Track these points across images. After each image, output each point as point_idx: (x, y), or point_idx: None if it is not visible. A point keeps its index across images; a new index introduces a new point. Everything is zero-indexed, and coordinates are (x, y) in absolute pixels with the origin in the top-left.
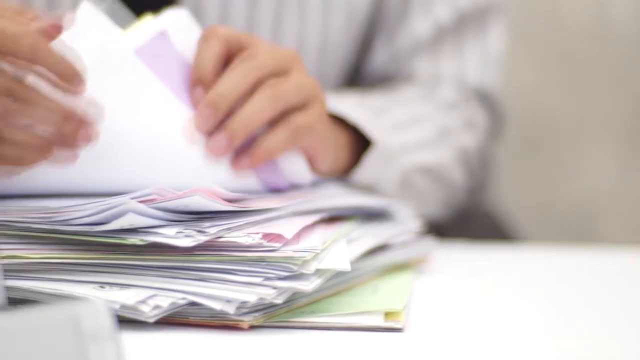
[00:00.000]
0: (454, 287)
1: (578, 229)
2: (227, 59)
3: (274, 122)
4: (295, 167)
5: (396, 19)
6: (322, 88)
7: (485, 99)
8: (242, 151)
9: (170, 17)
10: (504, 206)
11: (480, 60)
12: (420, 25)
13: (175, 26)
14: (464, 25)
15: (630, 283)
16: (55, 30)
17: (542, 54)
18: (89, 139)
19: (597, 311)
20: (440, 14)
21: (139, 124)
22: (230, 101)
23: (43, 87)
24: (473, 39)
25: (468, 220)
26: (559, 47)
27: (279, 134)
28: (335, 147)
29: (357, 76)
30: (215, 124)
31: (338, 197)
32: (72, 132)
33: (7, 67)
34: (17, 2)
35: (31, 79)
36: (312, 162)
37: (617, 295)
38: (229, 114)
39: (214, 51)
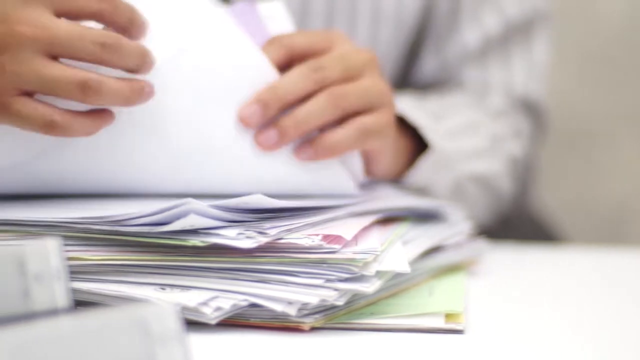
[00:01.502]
0: (505, 288)
1: (612, 230)
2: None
3: (339, 123)
4: (352, 168)
5: (446, 29)
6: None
7: (531, 108)
8: (307, 142)
9: (265, 6)
10: (543, 208)
11: (526, 69)
12: (469, 34)
13: (268, 14)
14: (512, 34)
15: None
16: None
17: (575, 54)
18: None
19: None
20: (489, 23)
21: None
22: (283, 99)
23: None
24: (520, 49)
25: (511, 224)
26: (593, 48)
27: (346, 132)
28: (393, 151)
29: (405, 84)
30: (262, 121)
31: (391, 198)
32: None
33: None
34: None
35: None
36: (368, 165)
37: None
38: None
39: (271, 57)
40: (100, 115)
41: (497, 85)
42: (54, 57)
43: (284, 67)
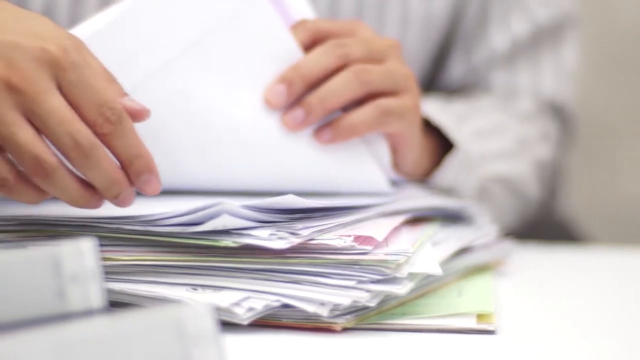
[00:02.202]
0: (532, 288)
1: (634, 230)
2: None
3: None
4: (379, 157)
5: (474, 33)
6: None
7: (559, 112)
8: (327, 124)
9: None
10: (568, 211)
11: (555, 73)
12: (497, 39)
13: (291, 2)
14: (540, 39)
15: None
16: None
17: (594, 55)
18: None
19: None
20: (517, 28)
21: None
22: (307, 77)
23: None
24: (549, 53)
25: (538, 227)
26: (612, 49)
27: (367, 112)
28: (419, 146)
29: (432, 88)
30: (288, 101)
31: (419, 198)
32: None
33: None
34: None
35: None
36: (395, 155)
37: None
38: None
39: (296, 39)
40: (45, 191)
41: (525, 89)
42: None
43: (308, 49)
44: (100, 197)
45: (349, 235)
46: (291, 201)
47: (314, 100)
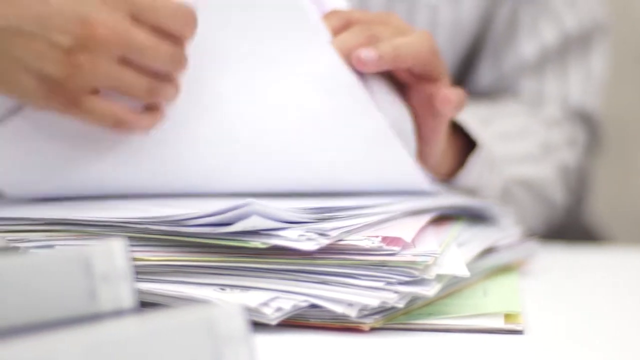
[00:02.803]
0: (557, 288)
1: None
2: None
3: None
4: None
5: (503, 40)
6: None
7: (586, 120)
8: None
9: None
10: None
11: (583, 81)
12: (527, 47)
13: None
14: (569, 47)
15: None
16: None
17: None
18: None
19: None
20: (546, 36)
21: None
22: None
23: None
24: (577, 61)
25: (563, 231)
26: (631, 51)
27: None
28: (445, 138)
29: None
30: None
31: (443, 196)
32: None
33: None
34: None
35: None
36: (423, 144)
37: None
38: None
39: (328, 26)
40: (157, 111)
41: (552, 96)
42: (126, 61)
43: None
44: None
45: (377, 236)
46: (322, 202)
47: (388, 48)
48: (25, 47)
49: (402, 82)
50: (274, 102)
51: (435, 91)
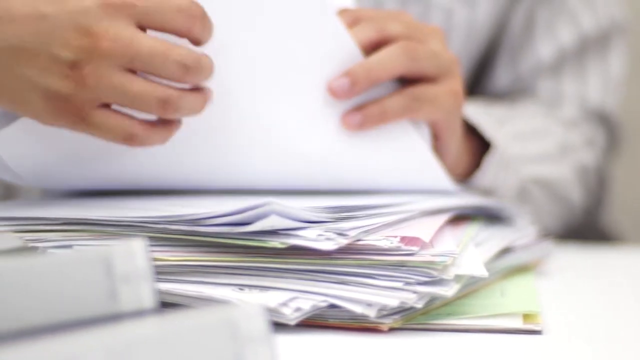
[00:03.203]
0: (573, 288)
1: None
2: None
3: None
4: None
5: (520, 42)
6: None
7: (604, 121)
8: (355, 108)
9: None
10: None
11: (601, 82)
12: (544, 48)
13: None
14: (587, 48)
15: None
16: None
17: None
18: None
19: None
20: (564, 37)
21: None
22: None
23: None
24: (595, 62)
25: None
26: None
27: (398, 98)
28: (461, 136)
29: (475, 94)
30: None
31: (460, 196)
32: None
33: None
34: None
35: None
36: (437, 143)
37: None
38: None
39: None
40: (171, 123)
41: (570, 96)
42: (134, 71)
43: None
44: (210, 91)
45: (395, 236)
46: (342, 201)
47: (359, 70)
48: (29, 65)
49: None
50: (291, 96)
51: (439, 90)
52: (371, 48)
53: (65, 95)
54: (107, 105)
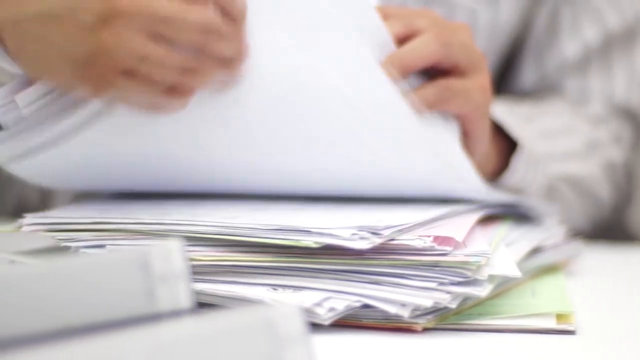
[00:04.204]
0: (603, 288)
1: None
2: None
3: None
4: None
5: (545, 41)
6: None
7: (632, 117)
8: None
9: None
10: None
11: (627, 78)
12: (569, 47)
13: None
14: (612, 44)
15: None
16: None
17: None
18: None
19: None
20: (589, 35)
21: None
22: None
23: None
24: (621, 58)
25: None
26: None
27: (429, 87)
28: (490, 134)
29: (500, 93)
30: None
31: (490, 195)
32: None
33: None
34: None
35: None
36: (467, 139)
37: None
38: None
39: None
40: (188, 91)
41: (597, 93)
42: (155, 35)
43: None
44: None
45: (428, 236)
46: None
47: (393, 60)
48: (57, 32)
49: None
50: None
51: (469, 84)
52: (400, 43)
53: (89, 61)
54: (130, 73)
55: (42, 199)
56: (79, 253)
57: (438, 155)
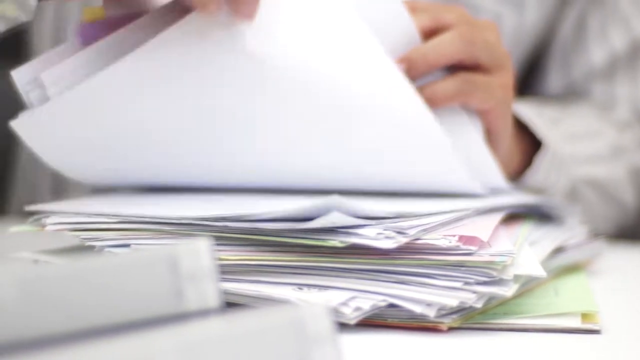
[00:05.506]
0: (626, 288)
1: None
2: None
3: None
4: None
5: (571, 47)
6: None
7: None
8: None
9: None
10: None
11: None
12: (596, 53)
13: None
14: (639, 51)
15: None
16: None
17: None
18: None
19: None
20: (616, 42)
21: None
22: None
23: None
24: None
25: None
26: None
27: (450, 81)
28: (512, 131)
29: (522, 96)
30: None
31: (511, 194)
32: None
33: None
34: None
35: None
36: (489, 135)
37: None
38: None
39: None
40: None
41: (623, 99)
42: None
43: None
44: None
45: (454, 235)
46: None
47: (416, 55)
48: None
49: None
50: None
51: (492, 80)
52: (426, 36)
53: None
54: None
55: (54, 194)
56: (103, 252)
57: (458, 151)
